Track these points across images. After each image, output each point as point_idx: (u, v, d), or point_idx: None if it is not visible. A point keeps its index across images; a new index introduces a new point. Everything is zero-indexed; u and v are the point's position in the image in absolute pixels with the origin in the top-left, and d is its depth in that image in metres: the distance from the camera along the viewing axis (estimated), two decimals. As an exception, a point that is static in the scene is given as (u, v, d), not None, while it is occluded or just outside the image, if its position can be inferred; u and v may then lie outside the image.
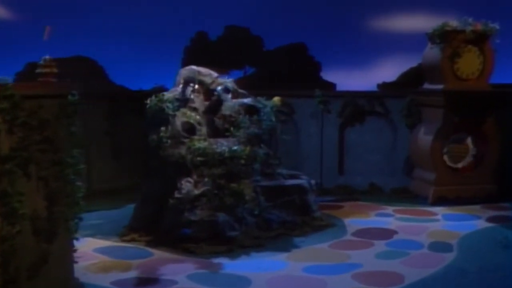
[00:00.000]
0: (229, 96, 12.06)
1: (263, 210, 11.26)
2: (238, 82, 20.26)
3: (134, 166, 14.94)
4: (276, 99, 12.61)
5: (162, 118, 11.40)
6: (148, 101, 11.60)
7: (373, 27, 19.90)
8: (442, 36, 13.69)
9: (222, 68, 19.45)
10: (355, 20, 19.66)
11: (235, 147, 11.17)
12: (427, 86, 14.50)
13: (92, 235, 11.21)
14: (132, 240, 10.73)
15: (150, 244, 10.56)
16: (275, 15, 19.88)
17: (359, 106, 15.52)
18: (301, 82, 18.51)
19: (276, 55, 19.88)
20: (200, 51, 19.79)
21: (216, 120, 11.99)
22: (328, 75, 19.77)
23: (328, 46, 19.92)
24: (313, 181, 15.57)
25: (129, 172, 15.17)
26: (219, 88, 12.05)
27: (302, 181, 12.07)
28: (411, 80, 16.37)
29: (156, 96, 11.62)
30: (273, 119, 12.14)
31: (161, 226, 10.80)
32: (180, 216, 10.48)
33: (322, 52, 19.73)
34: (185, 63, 19.96)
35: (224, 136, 11.76)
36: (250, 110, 12.16)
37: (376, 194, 15.09)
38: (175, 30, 19.93)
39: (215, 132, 11.91)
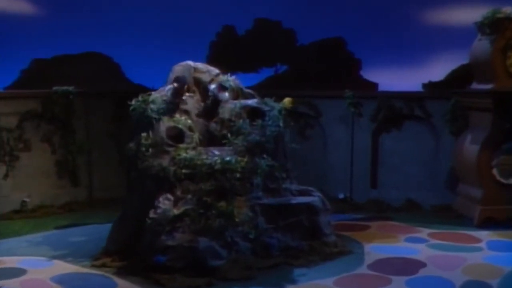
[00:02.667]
0: (226, 95, 10.22)
1: (262, 234, 9.41)
2: (268, 81, 18.61)
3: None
4: (287, 100, 10.72)
5: (146, 122, 9.74)
6: (133, 102, 9.98)
7: (421, 18, 17.50)
8: (493, 25, 11.43)
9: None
10: (400, 11, 17.36)
11: (228, 158, 9.36)
12: (475, 86, 12.23)
13: (63, 257, 9.76)
14: (103, 266, 9.14)
15: (121, 272, 8.92)
16: (309, 6, 17.83)
17: (395, 109, 13.41)
18: (339, 81, 16.48)
19: (311, 51, 17.88)
20: (227, 47, 18.09)
21: (212, 125, 10.22)
22: (369, 74, 17.61)
23: (369, 41, 17.69)
24: (341, 195, 13.90)
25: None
26: (212, 86, 10.26)
27: (313, 198, 10.12)
28: (459, 79, 14.05)
29: (141, 97, 9.98)
30: (281, 124, 10.24)
31: (138, 250, 9.10)
32: (156, 239, 8.76)
33: (363, 47, 17.54)
34: (211, 60, 18.26)
35: (221, 144, 9.97)
36: (254, 113, 10.33)
37: (413, 212, 12.98)
38: (200, 24, 18.23)
39: (211, 140, 10.16)
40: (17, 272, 8.93)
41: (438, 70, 15.90)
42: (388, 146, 13.61)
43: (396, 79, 17.02)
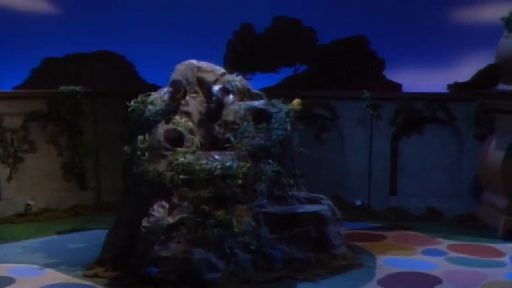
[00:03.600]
0: (231, 98, 9.61)
1: (264, 245, 8.79)
2: (287, 81, 17.95)
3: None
4: (296, 101, 10.07)
5: (144, 124, 9.21)
6: (132, 103, 9.47)
7: (447, 16, 16.63)
8: (521, 22, 10.60)
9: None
10: (425, 8, 16.52)
11: (228, 163, 8.76)
12: (501, 86, 11.39)
13: (57, 265, 9.32)
14: (95, 276, 8.66)
15: (111, 283, 8.44)
16: (330, 4, 17.13)
17: (416, 111, 12.64)
18: (360, 82, 15.75)
19: (331, 50, 17.16)
20: (245, 46, 17.50)
21: (215, 128, 9.62)
22: (393, 74, 16.81)
23: (393, 39, 16.90)
24: (358, 202, 13.17)
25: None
26: (215, 88, 9.66)
27: (322, 207, 9.46)
28: (487, 80, 13.19)
29: (140, 97, 9.47)
30: (288, 127, 9.59)
31: (131, 260, 8.56)
32: (149, 250, 8.22)
33: (386, 47, 16.76)
34: (228, 59, 17.79)
35: (224, 148, 9.38)
36: (260, 115, 9.70)
37: (434, 221, 12.21)
38: (217, 22, 17.66)
39: (213, 143, 9.57)
40: (4, 282, 8.50)
41: (465, 70, 15.03)
42: (409, 151, 12.85)
43: (421, 79, 16.19)
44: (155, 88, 13.17)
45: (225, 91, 9.58)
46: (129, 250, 8.70)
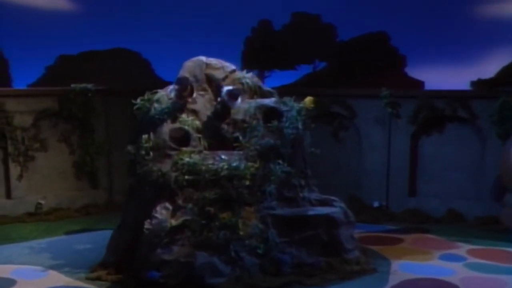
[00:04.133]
0: (238, 103, 9.25)
1: (272, 248, 8.44)
2: (306, 78, 17.55)
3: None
4: (308, 99, 9.68)
5: (150, 123, 8.94)
6: (138, 101, 9.21)
7: (471, 11, 16.06)
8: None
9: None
10: (448, 3, 15.96)
11: (235, 163, 8.43)
12: (526, 83, 10.84)
13: (61, 267, 9.11)
14: (97, 279, 8.41)
15: (113, 287, 8.09)
16: (350, -1, 16.74)
17: (437, 109, 12.14)
18: (381, 79, 15.33)
19: (351, 46, 16.76)
20: (263, 43, 17.17)
21: (223, 127, 9.28)
22: (415, 71, 16.35)
23: (415, 35, 16.42)
24: (376, 203, 12.74)
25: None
26: (224, 90, 9.29)
27: (334, 209, 9.06)
28: (511, 76, 12.69)
29: (147, 95, 9.20)
30: (300, 126, 9.21)
31: (134, 262, 8.29)
32: (152, 253, 7.93)
33: (408, 43, 16.29)
34: (246, 57, 17.49)
35: (232, 148, 9.04)
36: (271, 114, 9.33)
37: (454, 224, 11.75)
38: (235, 18, 17.35)
39: (222, 142, 9.22)
40: (5, 283, 8.30)
41: (489, 66, 14.50)
42: (429, 150, 12.39)
43: (444, 77, 15.68)
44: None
45: (232, 95, 9.18)
46: (133, 252, 8.42)
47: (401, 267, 9.06)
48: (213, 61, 9.94)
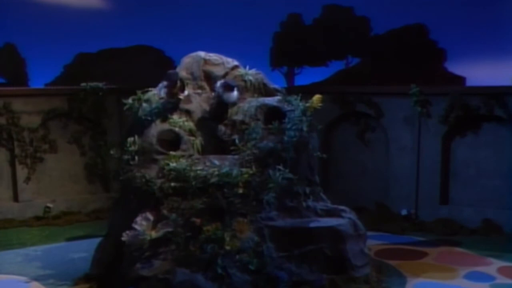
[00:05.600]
0: (234, 95, 8.42)
1: (268, 264, 7.57)
2: (338, 75, 16.53)
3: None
4: (316, 98, 8.71)
5: (138, 124, 8.23)
6: (130, 100, 8.53)
7: (518, 0, 14.69)
8: None
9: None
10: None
11: (226, 169, 7.60)
12: None
13: (46, 278, 8.62)
14: (79, 293, 7.70)
15: (91, 303, 7.44)
16: (385, -11, 15.63)
17: (471, 108, 10.99)
18: (419, 75, 14.21)
19: (387, 40, 15.68)
20: (293, 38, 16.30)
21: (220, 128, 8.48)
22: (456, 67, 15.12)
23: (456, 28, 15.19)
24: (404, 211, 11.68)
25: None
26: (218, 83, 8.49)
27: (340, 221, 8.11)
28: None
29: (138, 94, 8.51)
30: (304, 127, 8.29)
31: (115, 277, 7.60)
32: (131, 267, 7.22)
33: (448, 36, 15.08)
34: (275, 53, 16.64)
35: (230, 152, 8.23)
36: (273, 114, 8.45)
37: (490, 236, 10.56)
38: (263, 13, 16.53)
39: (218, 146, 8.43)
40: (-17, 296, 7.78)
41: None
42: (462, 154, 11.25)
43: (488, 72, 14.40)
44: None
45: (227, 86, 8.36)
46: (116, 265, 7.72)
47: (417, 287, 8.01)
48: (212, 56, 9.17)
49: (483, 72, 14.40)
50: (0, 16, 14.30)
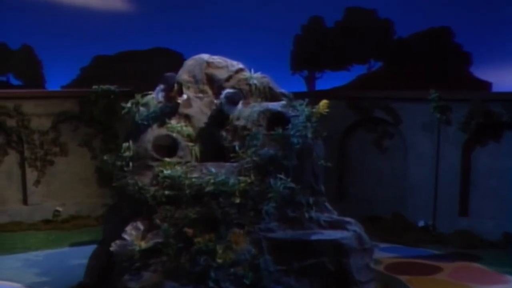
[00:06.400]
0: (238, 108, 8.08)
1: (264, 278, 7.19)
2: (359, 80, 16.05)
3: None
4: (323, 103, 8.31)
5: (135, 129, 7.97)
6: (129, 104, 8.27)
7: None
8: None
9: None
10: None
11: (222, 177, 7.27)
12: None
13: (40, 286, 8.51)
14: (68, 304, 7.46)
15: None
16: (409, -9, 15.13)
17: (493, 115, 10.41)
18: (443, 79, 13.72)
19: (410, 44, 15.15)
20: (314, 41, 15.91)
21: (221, 134, 8.14)
22: (482, 71, 14.51)
23: (483, 30, 14.57)
24: (421, 222, 11.17)
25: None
26: (223, 93, 8.14)
27: (343, 234, 7.69)
28: None
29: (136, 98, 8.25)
30: (309, 134, 7.89)
31: (107, 287, 7.34)
32: (120, 278, 6.94)
33: (474, 39, 14.48)
34: (295, 57, 16.28)
35: (230, 159, 7.89)
36: (277, 119, 8.08)
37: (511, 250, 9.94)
38: (284, 15, 16.17)
39: (219, 152, 8.08)
40: (-27, 303, 7.61)
41: None
42: (483, 163, 10.73)
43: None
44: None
45: (231, 100, 8.01)
46: (109, 275, 7.46)
47: (425, 306, 7.56)
48: (216, 59, 8.83)
49: (511, 77, 13.76)
50: (17, 17, 14.27)
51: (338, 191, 12.30)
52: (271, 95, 8.68)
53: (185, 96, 8.10)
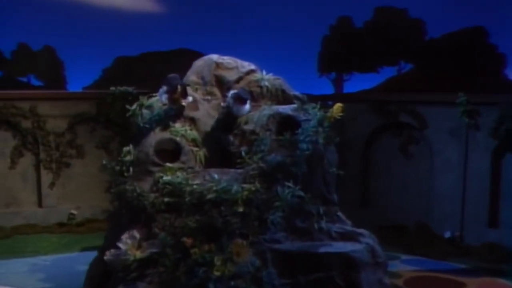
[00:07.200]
0: (246, 108, 7.69)
1: (268, 292, 6.74)
2: (389, 83, 15.46)
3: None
4: (336, 107, 7.82)
5: (138, 133, 7.66)
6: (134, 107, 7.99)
7: None
8: None
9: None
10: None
11: (223, 184, 6.89)
12: None
13: (41, 290, 8.08)
14: (65, 313, 7.19)
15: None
16: (442, -10, 14.49)
17: (525, 120, 9.74)
18: (476, 82, 13.07)
19: (442, 45, 14.50)
20: (342, 42, 15.41)
21: (229, 139, 7.75)
22: (518, 73, 13.78)
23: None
24: (447, 233, 10.58)
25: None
26: (230, 93, 7.76)
27: (355, 247, 7.20)
28: None
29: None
30: (320, 140, 7.43)
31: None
32: (115, 289, 6.63)
33: (510, 39, 13.76)
34: (322, 58, 15.84)
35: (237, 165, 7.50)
36: (287, 124, 7.65)
37: (544, 266, 9.30)
38: (312, 16, 15.73)
39: (225, 158, 7.69)
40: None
41: None
42: (515, 171, 10.02)
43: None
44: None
45: (239, 99, 7.62)
46: (107, 283, 7.15)
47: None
48: (226, 60, 8.46)
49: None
50: (39, 18, 14.19)
51: (361, 198, 11.81)
52: (284, 98, 8.25)
53: (190, 99, 7.74)
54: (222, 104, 7.91)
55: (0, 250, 10.15)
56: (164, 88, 7.67)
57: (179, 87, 7.59)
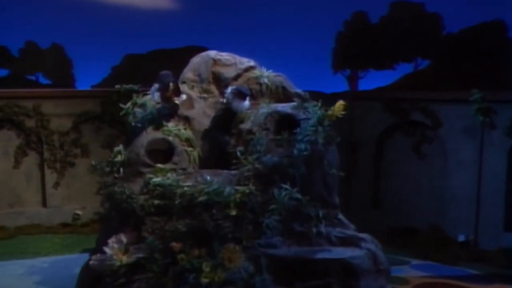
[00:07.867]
0: (245, 104, 7.37)
1: (262, 300, 6.42)
2: (405, 80, 14.99)
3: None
4: (338, 105, 7.44)
5: (130, 132, 7.41)
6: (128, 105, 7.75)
7: None
8: None
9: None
10: None
11: (215, 186, 6.58)
12: None
13: (36, 292, 7.89)
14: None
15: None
16: (460, -17, 13.98)
17: (543, 118, 9.27)
18: (496, 79, 12.58)
19: (460, 40, 14.00)
20: (357, 38, 14.99)
21: (225, 138, 7.44)
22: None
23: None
24: (461, 237, 10.12)
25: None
26: (229, 89, 7.45)
27: (354, 253, 6.85)
28: None
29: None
30: (319, 139, 7.07)
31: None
32: (102, 295, 6.37)
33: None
34: (336, 55, 15.46)
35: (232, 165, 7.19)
36: (286, 123, 7.31)
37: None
38: (326, 11, 15.34)
39: (221, 158, 7.38)
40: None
41: None
42: (532, 172, 9.52)
43: None
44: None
45: (239, 94, 7.31)
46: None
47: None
48: (224, 56, 8.17)
49: None
50: (47, 16, 14.06)
51: (372, 200, 11.41)
52: (285, 96, 7.92)
53: (183, 97, 7.44)
54: (220, 100, 7.59)
55: (1, 250, 9.98)
56: (156, 85, 7.38)
57: (171, 84, 7.29)
